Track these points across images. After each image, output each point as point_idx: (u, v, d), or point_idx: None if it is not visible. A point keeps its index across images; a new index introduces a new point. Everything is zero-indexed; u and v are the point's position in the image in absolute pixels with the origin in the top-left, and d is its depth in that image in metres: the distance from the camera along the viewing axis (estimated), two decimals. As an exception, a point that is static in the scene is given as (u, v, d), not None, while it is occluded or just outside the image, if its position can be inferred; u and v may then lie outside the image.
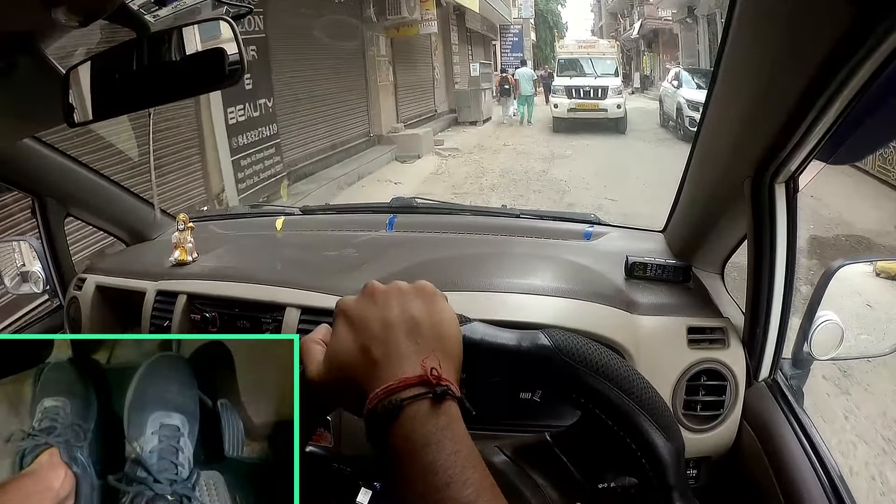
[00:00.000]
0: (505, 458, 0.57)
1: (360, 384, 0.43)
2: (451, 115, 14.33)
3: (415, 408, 0.40)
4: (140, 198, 1.56)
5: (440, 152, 10.37)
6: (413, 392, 0.41)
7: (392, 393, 0.41)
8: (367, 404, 0.42)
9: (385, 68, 10.61)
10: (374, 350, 0.44)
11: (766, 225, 0.81)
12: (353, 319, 0.46)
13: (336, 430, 0.98)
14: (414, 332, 0.44)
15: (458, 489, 0.37)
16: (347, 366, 0.44)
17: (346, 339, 0.45)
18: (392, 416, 0.40)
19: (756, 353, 0.90)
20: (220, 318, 1.13)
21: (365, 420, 0.42)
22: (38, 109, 0.80)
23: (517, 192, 7.25)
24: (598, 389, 0.50)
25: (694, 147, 0.93)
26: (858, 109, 0.57)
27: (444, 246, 1.29)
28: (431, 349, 0.43)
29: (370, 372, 0.43)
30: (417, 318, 0.45)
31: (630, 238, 1.29)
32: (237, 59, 0.68)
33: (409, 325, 0.45)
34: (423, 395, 0.40)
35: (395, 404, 0.40)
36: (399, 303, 0.46)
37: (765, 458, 0.82)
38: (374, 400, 0.41)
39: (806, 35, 0.53)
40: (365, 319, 0.46)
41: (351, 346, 0.45)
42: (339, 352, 0.45)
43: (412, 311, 0.45)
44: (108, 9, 0.61)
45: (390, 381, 0.41)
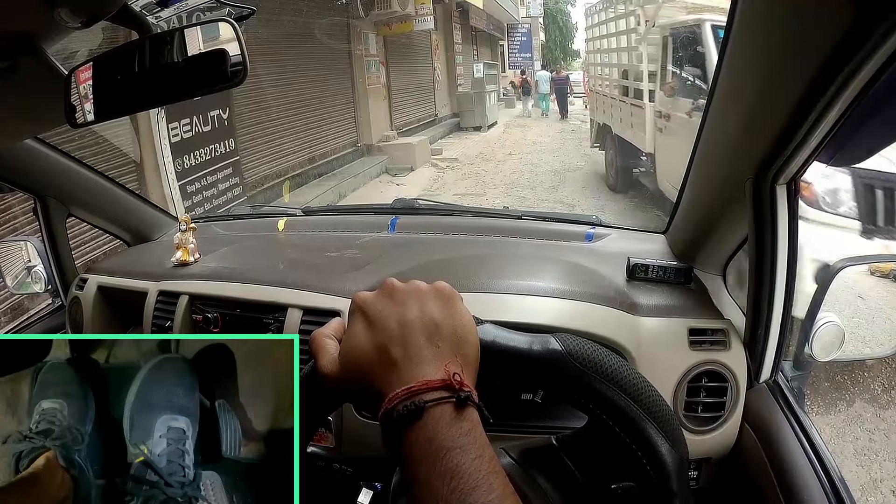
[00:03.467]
0: (511, 461, 0.57)
1: (375, 383, 0.43)
2: (454, 120, 13.66)
3: (438, 411, 0.40)
4: (142, 198, 1.56)
5: (437, 163, 9.47)
6: (436, 395, 0.40)
7: (414, 395, 0.40)
8: (385, 404, 0.41)
9: (376, 69, 9.73)
10: (394, 350, 0.43)
11: (767, 226, 0.81)
12: (371, 316, 0.45)
13: (336, 431, 0.98)
14: (434, 336, 0.44)
15: (483, 494, 0.37)
16: (364, 363, 0.44)
17: (364, 336, 0.45)
18: (413, 418, 0.40)
19: (757, 354, 0.90)
20: (221, 318, 1.13)
21: (381, 419, 0.41)
22: (40, 110, 0.80)
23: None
24: (608, 396, 0.50)
25: (695, 148, 0.93)
26: (859, 111, 0.57)
27: (446, 247, 1.29)
28: (453, 354, 0.43)
29: (388, 372, 0.42)
30: (438, 320, 0.44)
31: (631, 239, 1.29)
32: (239, 60, 0.68)
33: (430, 328, 0.44)
34: (446, 400, 0.40)
35: (418, 406, 0.40)
36: (419, 303, 0.45)
37: (765, 459, 0.82)
38: (395, 400, 0.41)
39: (806, 36, 0.53)
40: (384, 318, 0.45)
41: (368, 343, 0.44)
42: (356, 348, 0.45)
43: (432, 314, 0.45)
44: (110, 10, 0.61)
45: (411, 382, 0.41)
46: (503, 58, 23.63)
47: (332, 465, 1.01)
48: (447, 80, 14.54)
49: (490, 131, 13.18)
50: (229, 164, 5.84)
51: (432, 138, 11.04)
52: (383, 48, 10.15)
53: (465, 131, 13.11)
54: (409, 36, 10.98)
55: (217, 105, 5.58)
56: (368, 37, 9.41)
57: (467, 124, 13.36)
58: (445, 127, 13.00)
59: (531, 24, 26.90)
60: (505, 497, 0.37)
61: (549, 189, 7.42)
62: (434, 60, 13.47)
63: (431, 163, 9.51)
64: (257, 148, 6.60)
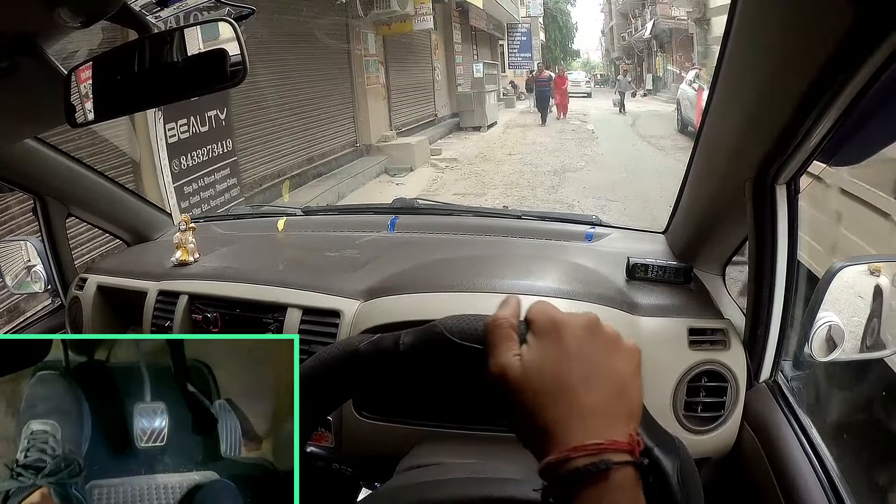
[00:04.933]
0: None
1: (549, 421, 0.40)
2: (454, 120, 13.35)
3: (621, 474, 0.38)
4: (142, 198, 1.56)
5: (436, 163, 9.21)
6: (622, 458, 0.39)
7: (602, 452, 0.38)
8: (562, 451, 0.39)
9: (375, 69, 9.51)
10: (585, 396, 0.40)
11: (767, 226, 0.81)
12: (570, 347, 0.42)
13: (336, 431, 0.98)
14: (624, 395, 0.42)
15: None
16: (548, 390, 0.41)
17: (558, 364, 0.41)
18: (596, 478, 0.38)
19: (757, 354, 0.90)
20: (221, 318, 1.13)
21: (551, 464, 0.39)
22: (39, 110, 0.80)
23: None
24: None
25: (695, 148, 0.93)
26: (859, 111, 0.57)
27: (446, 247, 1.29)
28: (632, 415, 0.42)
29: (571, 416, 0.40)
30: (627, 378, 0.42)
31: (631, 239, 1.29)
32: (239, 59, 0.68)
33: (621, 384, 0.42)
34: (630, 464, 0.39)
35: (606, 465, 0.38)
36: (622, 356, 0.43)
37: (765, 459, 0.82)
38: (578, 452, 0.38)
39: (806, 36, 0.53)
40: (584, 355, 0.42)
41: (559, 374, 0.41)
42: (545, 372, 0.41)
43: (624, 369, 0.43)
44: (109, 10, 0.61)
45: (597, 438, 0.39)
46: (503, 58, 23.44)
47: (332, 466, 1.01)
48: (447, 79, 14.30)
49: (490, 131, 12.89)
50: (227, 165, 5.73)
51: (431, 138, 10.81)
52: (382, 48, 9.95)
53: (465, 131, 12.86)
54: (408, 36, 10.76)
55: (215, 105, 5.46)
56: (367, 36, 9.22)
57: (467, 124, 13.10)
58: (445, 127, 12.76)
59: (531, 23, 26.70)
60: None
61: (549, 189, 7.34)
62: (434, 60, 13.26)
63: (431, 163, 9.27)
64: (255, 148, 6.49)
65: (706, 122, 0.84)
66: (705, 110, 0.83)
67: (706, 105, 0.82)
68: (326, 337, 1.00)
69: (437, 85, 13.40)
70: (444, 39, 14.12)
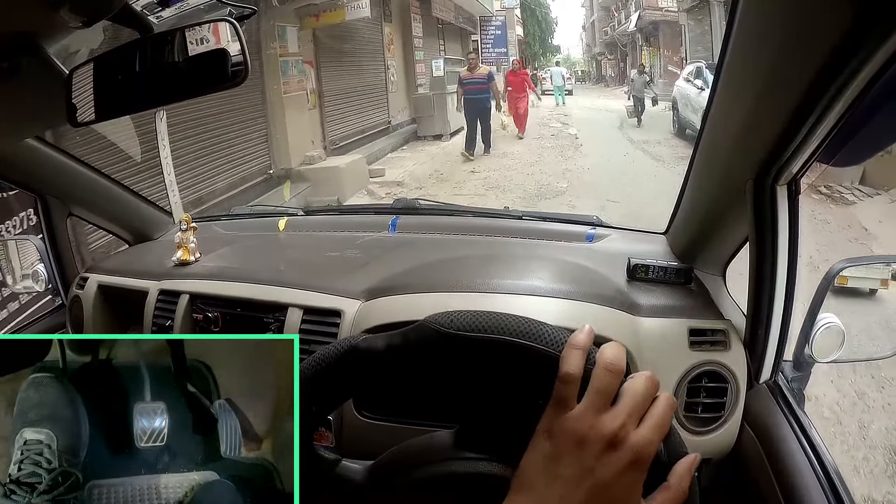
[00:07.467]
0: None
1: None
2: (413, 127, 11.22)
3: None
4: (143, 198, 1.56)
5: (374, 190, 7.19)
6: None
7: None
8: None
9: (297, 71, 7.47)
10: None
11: (767, 227, 0.81)
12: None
13: (336, 431, 0.98)
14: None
15: None
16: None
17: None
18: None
19: (757, 355, 0.90)
20: (222, 317, 1.13)
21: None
22: (41, 110, 0.80)
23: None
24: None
25: (696, 149, 0.93)
26: (860, 111, 0.57)
27: (447, 247, 1.29)
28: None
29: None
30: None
31: (632, 240, 1.29)
32: (240, 60, 0.68)
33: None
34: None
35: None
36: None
37: (765, 460, 0.82)
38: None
39: (807, 37, 0.53)
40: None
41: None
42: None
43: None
44: (111, 9, 0.61)
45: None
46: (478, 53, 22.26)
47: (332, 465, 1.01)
48: (405, 80, 12.03)
49: (453, 140, 10.51)
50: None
51: (381, 152, 9.08)
52: (311, 44, 8.04)
53: (424, 140, 10.79)
54: (349, 29, 8.83)
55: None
56: (285, 31, 7.22)
57: (426, 132, 10.96)
58: (401, 136, 10.70)
59: (507, 16, 23.88)
60: None
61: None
62: (387, 57, 11.04)
63: (368, 190, 7.28)
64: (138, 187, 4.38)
65: (707, 123, 0.84)
66: (706, 111, 0.83)
67: (707, 106, 0.82)
68: (327, 337, 1.00)
69: (392, 87, 11.20)
70: (401, 33, 11.95)
